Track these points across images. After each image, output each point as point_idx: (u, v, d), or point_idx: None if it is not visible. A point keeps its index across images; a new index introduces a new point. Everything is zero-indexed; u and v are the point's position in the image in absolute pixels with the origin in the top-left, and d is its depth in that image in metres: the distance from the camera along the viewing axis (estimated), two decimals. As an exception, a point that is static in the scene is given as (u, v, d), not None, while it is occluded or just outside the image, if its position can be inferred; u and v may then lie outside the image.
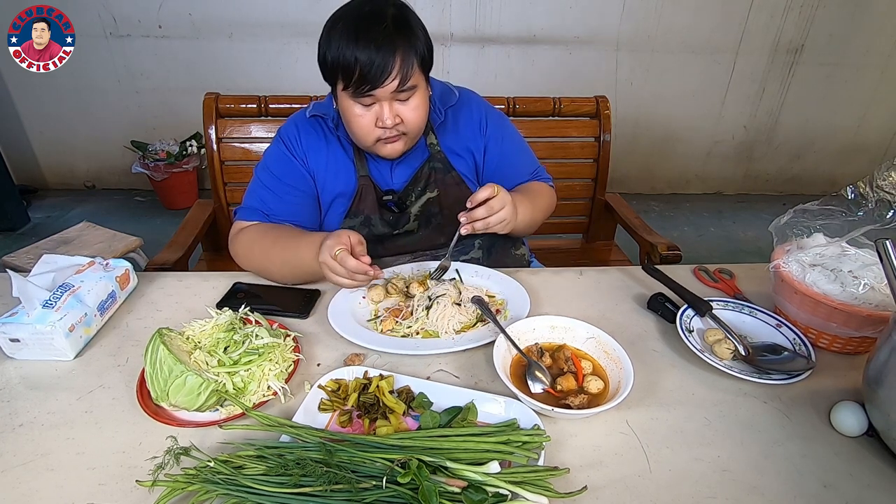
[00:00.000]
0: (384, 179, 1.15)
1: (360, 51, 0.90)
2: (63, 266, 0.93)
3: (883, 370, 0.67)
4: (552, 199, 1.26)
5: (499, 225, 0.99)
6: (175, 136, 3.23)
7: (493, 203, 0.97)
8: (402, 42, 0.92)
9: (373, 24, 0.91)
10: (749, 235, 3.34)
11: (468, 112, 1.19)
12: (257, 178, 1.14)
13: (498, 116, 1.24)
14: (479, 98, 1.24)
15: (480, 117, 1.20)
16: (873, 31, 3.32)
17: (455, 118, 1.18)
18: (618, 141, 1.89)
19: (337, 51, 0.92)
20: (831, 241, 0.93)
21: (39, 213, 3.19)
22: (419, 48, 0.95)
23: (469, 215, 0.97)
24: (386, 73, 0.92)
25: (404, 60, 0.93)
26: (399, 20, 0.94)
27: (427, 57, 0.99)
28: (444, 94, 1.17)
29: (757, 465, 0.68)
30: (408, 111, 0.99)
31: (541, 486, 0.60)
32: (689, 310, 0.94)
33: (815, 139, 3.72)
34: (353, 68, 0.91)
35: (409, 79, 0.94)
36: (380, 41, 0.90)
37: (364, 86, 0.93)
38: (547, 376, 0.79)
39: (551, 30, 3.17)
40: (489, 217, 0.97)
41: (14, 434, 0.69)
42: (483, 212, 0.96)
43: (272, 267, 1.04)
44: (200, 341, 0.78)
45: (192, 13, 3.00)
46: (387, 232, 1.15)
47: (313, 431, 0.66)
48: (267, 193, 1.11)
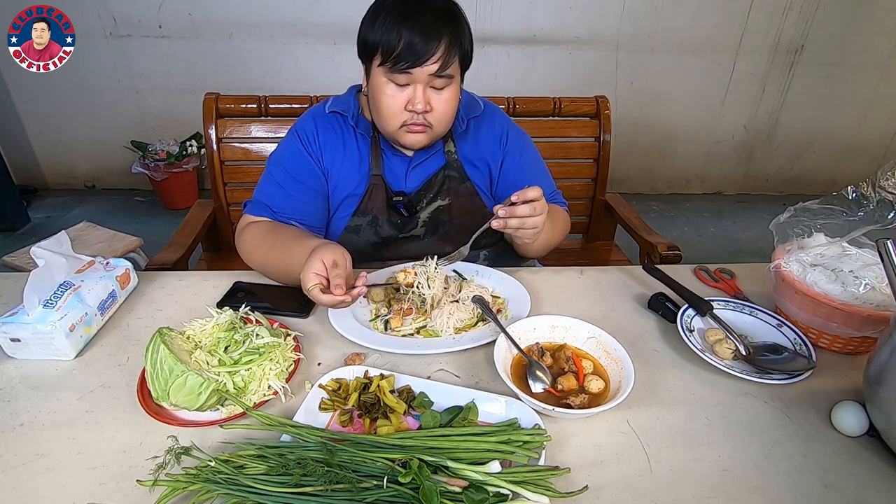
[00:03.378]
0: (397, 181, 1.14)
1: (406, 27, 0.91)
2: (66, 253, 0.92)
3: (884, 370, 0.67)
4: (567, 225, 1.24)
5: (531, 230, 0.93)
6: (175, 136, 3.23)
7: (536, 206, 0.90)
8: (449, 29, 0.93)
9: (423, 7, 0.92)
10: (749, 235, 3.34)
11: (490, 124, 1.18)
12: (268, 173, 1.13)
13: (520, 133, 1.23)
14: (503, 113, 1.24)
15: (502, 131, 1.19)
16: (873, 31, 3.32)
17: (476, 129, 1.17)
18: (618, 141, 1.89)
19: (382, 26, 0.93)
20: (832, 240, 0.93)
21: (39, 213, 3.19)
22: (464, 42, 0.96)
23: (510, 210, 0.90)
24: (428, 54, 0.92)
25: (448, 47, 0.93)
26: (449, 11, 0.95)
27: (469, 53, 1.00)
28: (470, 104, 1.17)
29: (757, 464, 0.68)
30: (440, 101, 0.99)
31: (542, 486, 0.60)
32: (690, 309, 0.94)
33: (814, 139, 3.73)
34: (395, 43, 0.91)
35: (449, 66, 0.94)
36: (427, 22, 0.91)
37: (404, 62, 0.92)
38: (548, 376, 0.79)
39: (551, 30, 3.18)
40: (528, 218, 0.90)
41: (14, 434, 0.69)
42: (527, 210, 0.90)
43: (270, 269, 1.05)
44: (201, 341, 0.78)
45: (192, 13, 3.00)
46: (393, 234, 1.15)
47: (314, 431, 0.66)
48: (276, 189, 1.10)
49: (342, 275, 0.84)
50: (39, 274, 0.84)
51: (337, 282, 0.82)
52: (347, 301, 0.84)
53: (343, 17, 3.05)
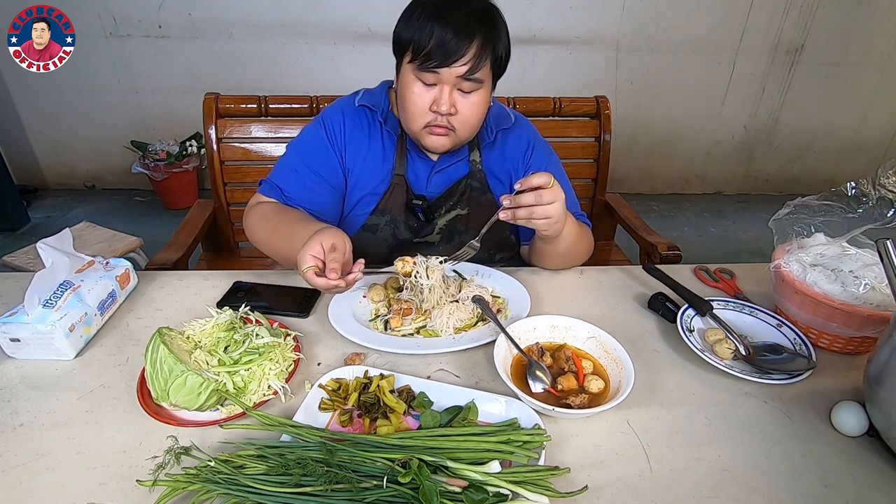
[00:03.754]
0: (419, 184, 1.12)
1: (439, 25, 0.89)
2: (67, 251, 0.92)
3: (884, 370, 0.67)
4: (591, 244, 1.16)
5: (543, 221, 0.89)
6: (175, 136, 3.23)
7: (543, 193, 0.87)
8: (483, 32, 0.91)
9: (458, 8, 0.91)
10: (749, 235, 3.34)
11: (517, 137, 1.16)
12: (287, 157, 1.11)
13: (546, 148, 1.20)
14: (533, 127, 1.21)
15: (528, 144, 1.17)
16: (873, 31, 3.33)
17: (504, 141, 1.15)
18: (618, 141, 1.89)
19: (416, 22, 0.91)
20: (832, 240, 0.93)
21: (39, 213, 3.19)
22: (498, 46, 0.94)
23: (514, 199, 0.88)
24: (458, 54, 0.90)
25: (480, 49, 0.91)
26: (486, 14, 0.93)
27: (502, 60, 0.97)
28: (501, 115, 1.14)
29: (757, 464, 0.68)
30: (466, 105, 0.97)
31: (541, 486, 0.60)
32: (690, 309, 0.94)
33: (814, 139, 3.73)
34: (426, 40, 0.90)
35: (479, 69, 0.92)
36: (461, 22, 0.89)
37: (432, 61, 0.91)
38: (548, 376, 0.79)
39: (551, 30, 3.18)
40: (535, 207, 0.87)
41: (14, 434, 0.69)
42: (530, 198, 0.87)
43: (273, 250, 1.03)
44: (201, 341, 0.78)
45: (192, 13, 3.00)
46: (408, 238, 1.13)
47: (314, 431, 0.66)
48: (291, 175, 1.08)
49: (339, 259, 0.82)
50: (44, 275, 0.84)
51: (332, 266, 0.81)
52: (341, 286, 0.82)
53: (343, 17, 3.05)
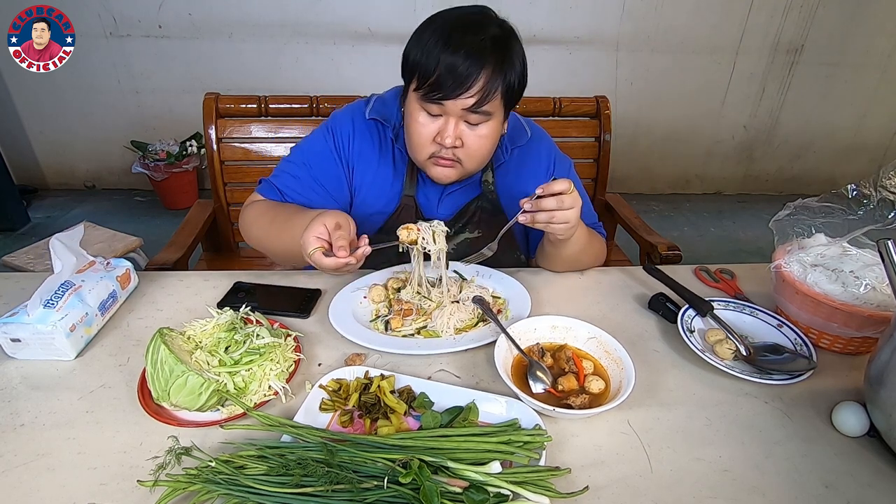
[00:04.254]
0: (430, 206, 1.08)
1: (446, 54, 0.83)
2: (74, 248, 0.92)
3: (884, 370, 0.67)
4: (603, 252, 1.15)
5: (561, 226, 0.89)
6: (175, 136, 3.23)
7: (564, 199, 0.86)
8: (494, 62, 0.85)
9: (469, 33, 0.84)
10: (749, 235, 3.34)
11: (536, 156, 1.11)
12: (290, 161, 1.07)
13: (566, 162, 1.16)
14: (549, 141, 1.15)
15: (548, 163, 1.12)
16: (873, 31, 3.33)
17: (520, 160, 1.09)
18: (618, 141, 1.89)
19: (423, 48, 0.86)
20: (832, 241, 0.93)
21: (39, 213, 3.19)
22: (509, 76, 0.88)
23: (536, 203, 0.87)
24: (464, 87, 0.84)
25: (488, 81, 0.85)
26: (499, 40, 0.86)
27: (516, 89, 0.91)
28: (516, 131, 1.09)
29: (758, 465, 0.68)
30: (473, 138, 0.92)
31: (542, 487, 0.60)
32: (690, 310, 0.94)
33: (814, 139, 3.73)
34: (431, 70, 0.85)
35: (486, 103, 0.87)
36: (470, 51, 0.83)
37: (436, 92, 0.86)
38: (548, 376, 0.79)
39: (551, 30, 3.18)
40: (556, 212, 0.86)
41: (15, 434, 0.69)
42: (552, 203, 0.86)
43: (271, 243, 0.99)
44: (201, 341, 0.78)
45: (192, 13, 3.00)
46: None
47: (314, 431, 0.66)
48: (293, 181, 1.04)
49: (345, 237, 0.80)
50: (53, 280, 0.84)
51: (340, 243, 0.79)
52: (352, 263, 0.80)
53: (343, 17, 3.05)
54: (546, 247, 1.07)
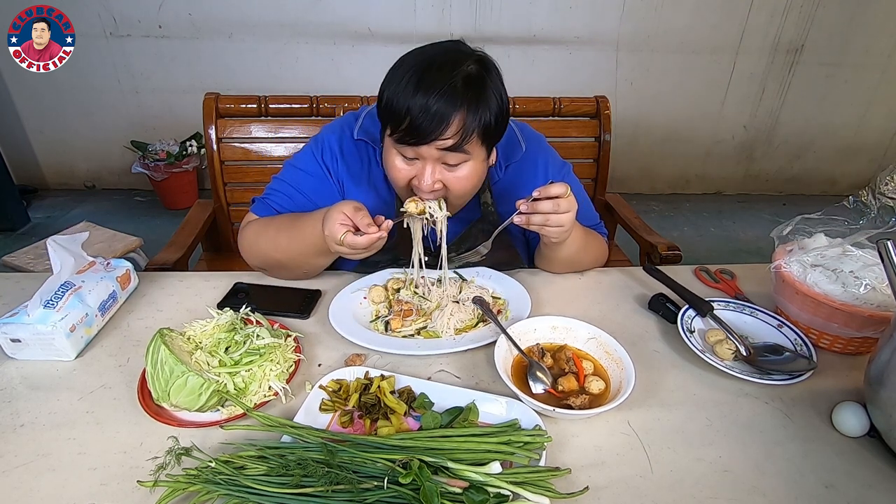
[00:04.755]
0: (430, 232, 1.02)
1: (417, 97, 0.80)
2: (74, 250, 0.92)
3: (884, 370, 0.67)
4: (603, 253, 1.14)
5: (556, 229, 0.88)
6: (175, 136, 3.23)
7: (560, 202, 0.86)
8: (468, 102, 0.81)
9: (441, 73, 0.80)
10: (749, 235, 3.34)
11: (532, 171, 1.07)
12: (282, 180, 1.04)
13: (562, 173, 1.12)
14: (546, 152, 1.11)
15: (545, 175, 1.08)
16: (873, 31, 3.32)
17: (517, 176, 1.06)
18: (618, 141, 1.89)
19: (395, 90, 0.82)
20: (832, 241, 0.93)
21: (39, 213, 3.19)
22: (485, 116, 0.83)
23: (533, 206, 0.86)
24: (435, 133, 0.81)
25: (463, 124, 0.82)
26: (473, 79, 0.82)
27: (494, 128, 0.87)
28: (511, 146, 1.05)
29: (758, 465, 0.68)
30: (453, 178, 0.89)
31: (542, 487, 0.60)
32: (690, 310, 0.94)
33: (815, 139, 3.73)
34: (402, 116, 0.81)
35: (463, 145, 0.84)
36: (442, 93, 0.79)
37: (409, 137, 0.83)
38: (548, 376, 0.79)
39: (551, 30, 3.18)
40: (551, 215, 0.86)
41: (15, 434, 0.69)
42: (548, 206, 0.86)
43: (281, 251, 0.97)
44: (201, 341, 0.78)
45: (192, 13, 2.99)
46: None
47: (314, 432, 0.66)
48: (286, 201, 1.03)
49: (368, 215, 0.83)
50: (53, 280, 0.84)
51: (367, 221, 0.81)
52: (383, 236, 0.83)
53: (343, 17, 3.05)
54: (542, 249, 1.06)
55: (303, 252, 0.95)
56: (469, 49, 0.87)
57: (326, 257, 0.97)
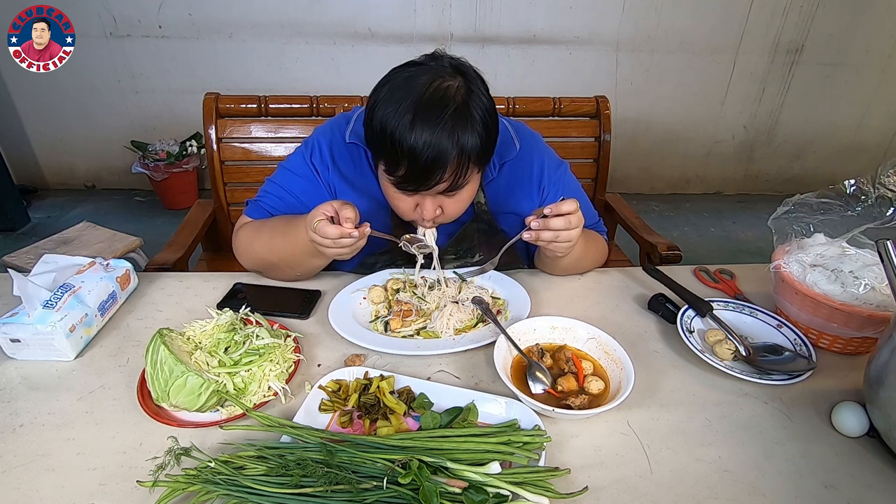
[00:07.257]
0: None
1: (408, 148, 0.79)
2: (64, 266, 0.93)
3: (884, 370, 0.67)
4: (603, 254, 1.15)
5: (564, 245, 0.89)
6: (175, 136, 3.23)
7: (571, 219, 0.87)
8: (459, 145, 0.80)
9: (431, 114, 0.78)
10: (749, 235, 3.34)
11: (527, 170, 1.07)
12: (275, 182, 1.05)
13: (558, 169, 1.11)
14: (541, 152, 1.10)
15: (540, 173, 1.07)
16: (873, 31, 3.32)
17: (510, 175, 1.06)
18: (618, 141, 1.89)
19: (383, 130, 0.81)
20: (832, 241, 0.93)
21: (39, 213, 3.19)
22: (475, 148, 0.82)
23: (545, 223, 0.87)
24: (432, 181, 0.83)
25: (458, 165, 0.82)
26: (460, 112, 0.80)
27: (487, 152, 0.87)
28: (505, 145, 1.03)
29: (758, 465, 0.68)
30: (451, 204, 0.92)
31: (542, 487, 0.60)
32: (690, 310, 0.94)
33: (814, 139, 3.73)
34: (396, 165, 0.82)
35: (460, 182, 0.85)
36: (433, 144, 0.78)
37: (406, 186, 0.85)
38: (548, 377, 0.79)
39: (551, 30, 3.17)
40: (562, 231, 0.87)
41: (14, 434, 0.69)
42: (560, 223, 0.86)
43: (276, 251, 0.97)
44: (201, 342, 0.78)
45: (192, 13, 2.99)
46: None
47: (314, 432, 0.66)
48: (280, 204, 1.04)
49: (353, 211, 0.83)
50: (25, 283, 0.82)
51: (348, 215, 0.82)
52: (355, 235, 0.82)
53: (343, 17, 3.05)
54: (544, 257, 1.06)
55: (296, 253, 0.96)
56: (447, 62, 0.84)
57: (320, 258, 0.97)
